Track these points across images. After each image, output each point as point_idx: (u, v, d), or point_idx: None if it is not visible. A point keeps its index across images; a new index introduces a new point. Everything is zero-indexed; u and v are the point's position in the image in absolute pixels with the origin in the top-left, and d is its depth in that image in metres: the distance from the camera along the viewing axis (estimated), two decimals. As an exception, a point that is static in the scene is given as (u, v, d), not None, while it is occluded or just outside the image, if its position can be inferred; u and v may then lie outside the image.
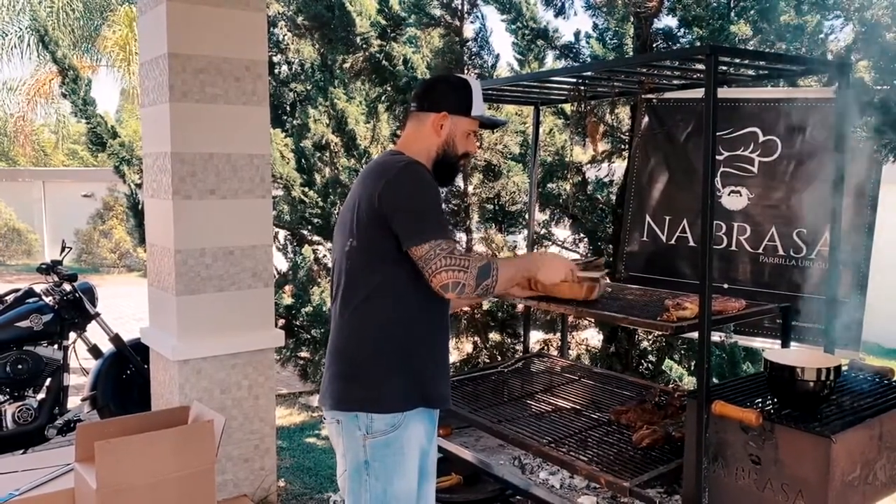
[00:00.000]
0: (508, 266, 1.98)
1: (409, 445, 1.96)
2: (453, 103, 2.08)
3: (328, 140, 5.30)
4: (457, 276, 1.82)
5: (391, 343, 1.95)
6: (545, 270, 2.05)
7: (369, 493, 1.94)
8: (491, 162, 4.16)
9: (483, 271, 1.86)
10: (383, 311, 1.95)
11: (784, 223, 3.18)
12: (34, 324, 4.12)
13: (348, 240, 2.00)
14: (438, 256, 1.83)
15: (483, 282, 1.85)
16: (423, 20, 4.10)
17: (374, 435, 1.93)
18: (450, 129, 2.07)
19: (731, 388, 1.79)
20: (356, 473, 1.97)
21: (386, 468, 1.93)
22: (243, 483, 3.67)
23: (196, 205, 3.46)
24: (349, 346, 1.99)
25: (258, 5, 3.62)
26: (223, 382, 3.58)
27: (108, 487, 2.79)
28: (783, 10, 3.47)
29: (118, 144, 5.33)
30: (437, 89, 2.14)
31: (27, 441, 4.08)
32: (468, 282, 1.83)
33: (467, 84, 2.10)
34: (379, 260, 1.95)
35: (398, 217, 1.90)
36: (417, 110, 2.12)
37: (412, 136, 2.11)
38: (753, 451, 1.60)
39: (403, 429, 1.94)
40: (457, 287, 1.83)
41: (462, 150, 2.10)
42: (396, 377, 1.94)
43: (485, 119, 2.14)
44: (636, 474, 1.86)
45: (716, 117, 1.65)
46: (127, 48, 14.65)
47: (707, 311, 1.70)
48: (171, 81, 3.38)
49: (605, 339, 4.11)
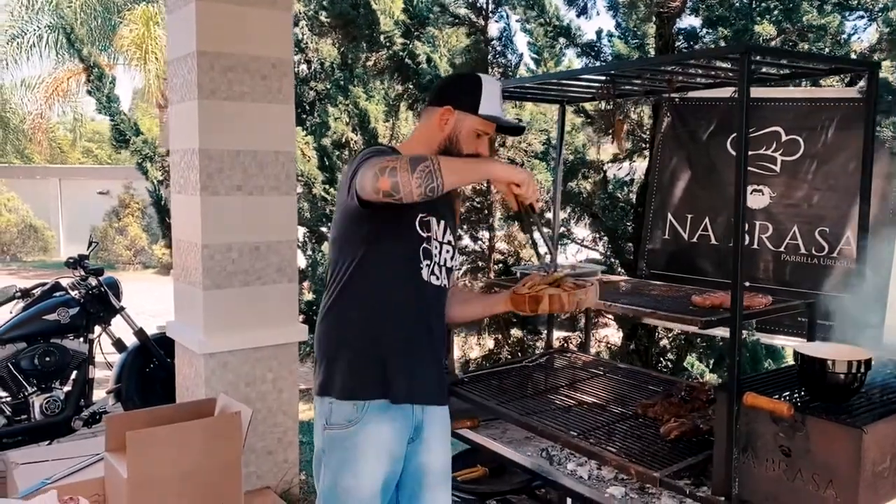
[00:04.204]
0: (451, 158, 1.91)
1: (366, 444, 1.92)
2: (459, 99, 2.00)
3: (348, 138, 5.36)
4: (386, 164, 1.72)
5: (357, 331, 1.95)
6: (503, 167, 1.91)
7: (323, 482, 2.00)
8: (514, 160, 4.20)
9: (416, 157, 1.76)
10: (353, 300, 1.96)
11: (806, 222, 3.20)
12: (61, 317, 4.19)
13: (333, 233, 2.05)
14: (368, 166, 1.76)
15: (420, 163, 1.72)
16: (448, 19, 4.15)
17: (331, 427, 1.95)
18: (454, 125, 1.99)
19: (760, 380, 1.82)
20: (316, 461, 2.03)
21: (337, 462, 1.94)
22: (267, 475, 3.72)
23: (223, 201, 3.52)
24: (324, 334, 2.02)
25: (285, 4, 3.67)
26: (248, 376, 3.63)
27: (138, 477, 2.84)
28: (806, 11, 3.50)
29: (141, 141, 5.40)
30: (446, 85, 2.13)
31: (54, 432, 4.15)
32: (399, 164, 1.71)
33: (478, 81, 2.03)
34: (351, 250, 1.95)
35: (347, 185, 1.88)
36: (428, 105, 2.09)
37: (418, 131, 2.10)
38: (784, 441, 1.63)
39: (361, 426, 1.92)
40: (385, 171, 1.71)
41: (467, 151, 2.01)
42: (359, 364, 1.94)
43: (498, 121, 2.04)
44: (665, 465, 1.89)
45: (748, 116, 1.68)
46: (144, 47, 14.77)
47: (739, 306, 1.73)
48: (199, 79, 3.43)
49: (625, 336, 4.14)
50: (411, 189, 1.71)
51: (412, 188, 1.71)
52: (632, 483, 2.08)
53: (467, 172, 1.91)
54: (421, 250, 1.99)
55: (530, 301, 2.12)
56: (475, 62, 4.13)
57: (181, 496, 2.93)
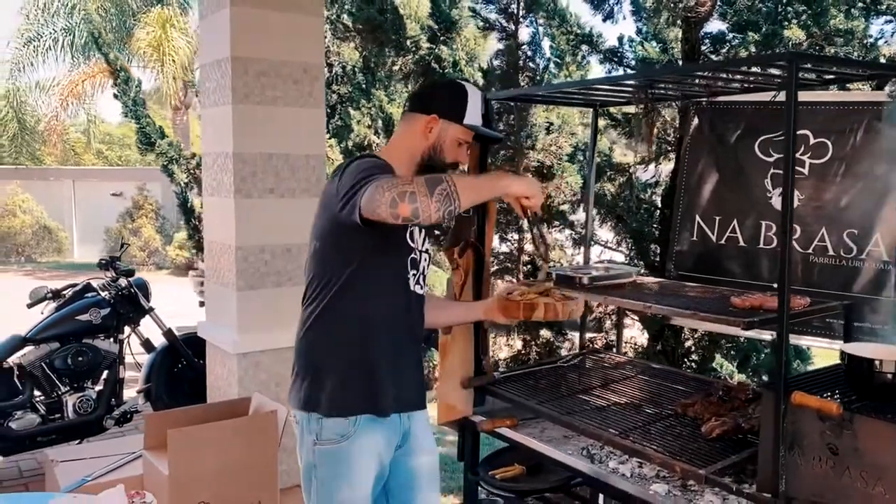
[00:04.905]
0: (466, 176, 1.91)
1: (359, 455, 1.94)
2: (446, 108, 2.00)
3: (370, 141, 5.41)
4: (403, 188, 1.68)
5: (347, 347, 1.95)
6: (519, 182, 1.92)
7: (317, 496, 1.97)
8: (543, 163, 4.26)
9: (432, 179, 1.72)
10: (342, 314, 1.94)
11: (834, 224, 3.22)
12: (93, 317, 4.25)
13: (314, 242, 2.00)
14: (379, 187, 1.71)
15: (437, 186, 1.69)
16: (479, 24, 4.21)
17: (322, 442, 1.93)
18: (439, 133, 2.00)
19: (804, 380, 1.86)
20: (306, 474, 2.00)
21: (331, 477, 1.93)
22: (297, 474, 3.76)
23: (256, 203, 3.58)
24: (308, 348, 1.99)
25: (316, 10, 3.74)
26: (279, 375, 3.69)
27: (179, 474, 2.90)
28: (833, 15, 3.53)
29: (166, 144, 5.47)
30: (432, 92, 2.12)
31: (86, 431, 4.21)
32: (417, 189, 1.68)
33: (464, 90, 2.03)
34: (339, 263, 1.93)
35: (341, 202, 1.81)
36: (410, 110, 2.07)
37: (400, 138, 2.08)
38: (831, 440, 1.67)
39: (353, 439, 1.92)
40: (404, 197, 1.67)
41: (450, 159, 2.03)
42: (348, 380, 1.94)
43: (479, 130, 2.04)
44: (708, 463, 1.93)
45: (796, 122, 1.72)
46: (161, 49, 14.88)
47: (786, 308, 1.77)
48: (233, 84, 3.49)
49: (652, 337, 4.18)
50: (430, 214, 1.69)
51: (431, 213, 1.69)
52: (673, 480, 2.12)
53: (483, 191, 1.91)
54: (409, 261, 2.02)
55: (525, 308, 2.19)
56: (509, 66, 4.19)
57: (219, 493, 2.99)
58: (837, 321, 3.11)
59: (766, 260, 3.33)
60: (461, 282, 2.57)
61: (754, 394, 2.29)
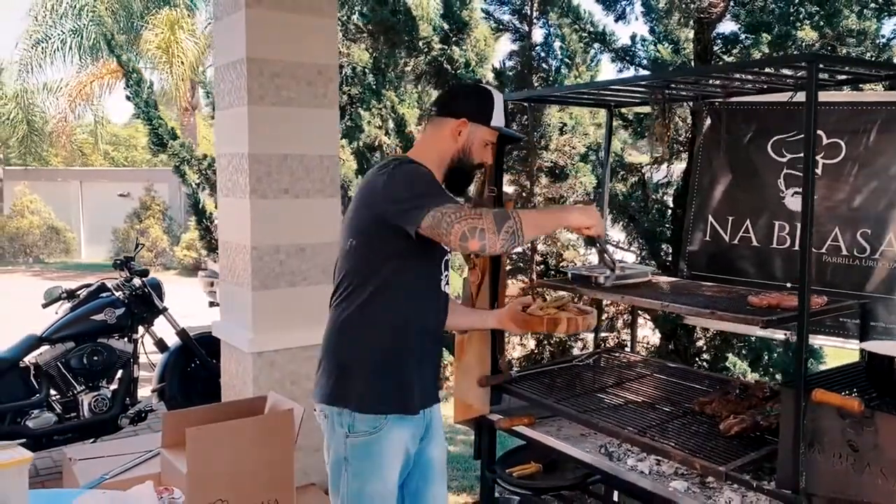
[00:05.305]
0: (529, 211, 1.98)
1: (389, 449, 2.00)
2: (474, 111, 2.08)
3: (381, 141, 5.44)
4: (473, 223, 1.78)
5: (380, 347, 1.99)
6: (580, 213, 1.97)
7: (347, 489, 2.01)
8: (557, 163, 4.28)
9: (500, 215, 1.82)
10: (378, 314, 1.98)
11: (847, 224, 3.23)
12: (108, 317, 4.29)
13: (349, 240, 2.01)
14: (446, 216, 1.80)
15: (504, 224, 1.80)
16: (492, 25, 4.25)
17: (355, 434, 1.97)
18: (468, 136, 2.07)
19: (823, 378, 1.88)
20: (336, 467, 2.04)
21: (364, 468, 1.98)
22: (312, 472, 3.80)
23: (271, 204, 3.60)
24: (341, 345, 2.03)
25: (330, 11, 3.76)
26: (294, 374, 3.71)
27: (198, 472, 2.92)
28: (846, 16, 3.54)
29: (178, 145, 5.50)
30: (459, 96, 2.18)
31: (101, 429, 4.25)
32: (487, 226, 1.78)
33: (490, 94, 2.11)
34: (378, 262, 1.97)
35: (395, 208, 1.88)
36: (437, 115, 2.13)
37: (428, 141, 2.13)
38: (851, 437, 1.69)
39: (385, 433, 1.97)
40: (475, 233, 1.77)
41: (478, 160, 2.11)
42: (380, 381, 1.98)
43: (504, 131, 2.14)
44: (727, 460, 1.95)
45: (816, 123, 1.73)
46: (169, 51, 14.94)
47: (806, 307, 1.79)
48: (248, 85, 3.52)
49: (664, 336, 4.20)
50: (496, 250, 1.81)
51: (497, 249, 1.82)
52: (692, 478, 2.14)
53: (546, 227, 2.06)
54: (443, 262, 2.09)
55: (548, 323, 2.26)
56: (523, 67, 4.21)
57: (237, 491, 3.01)
58: (851, 321, 3.13)
59: (780, 260, 3.34)
60: (478, 281, 2.60)
61: (771, 391, 2.31)
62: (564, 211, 2.05)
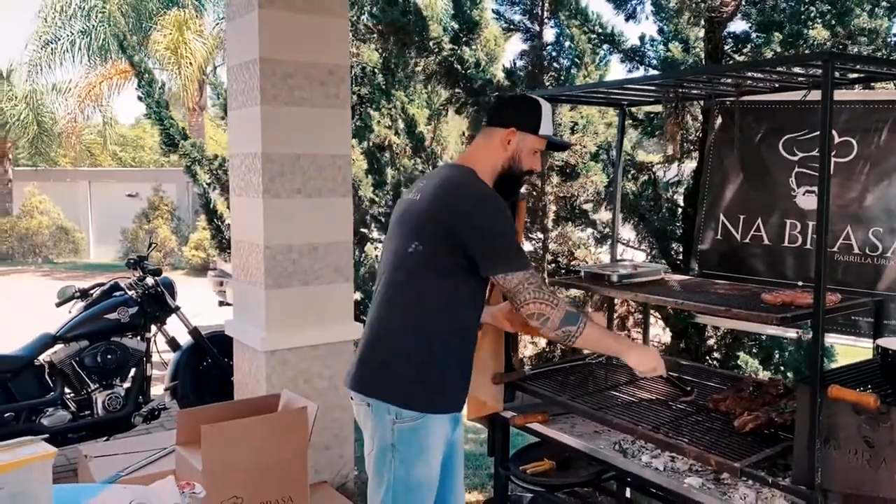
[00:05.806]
0: (598, 328, 2.12)
1: (434, 436, 2.08)
2: (522, 121, 2.17)
3: (390, 141, 5.46)
4: (543, 310, 1.99)
5: (428, 350, 2.05)
6: (638, 355, 2.12)
7: (393, 474, 2.06)
8: (568, 162, 4.30)
9: (570, 317, 2.01)
10: (431, 318, 2.06)
11: (859, 222, 3.24)
12: (121, 316, 4.32)
13: (413, 242, 2.06)
14: (529, 288, 1.99)
15: (566, 326, 2.00)
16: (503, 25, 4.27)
17: (403, 420, 2.04)
18: (517, 145, 2.16)
19: (839, 374, 1.89)
20: (382, 454, 2.09)
21: (410, 453, 2.05)
22: (324, 470, 3.82)
23: (284, 203, 3.63)
24: (392, 341, 2.09)
25: (341, 12, 3.78)
26: (306, 372, 3.74)
27: (213, 469, 2.95)
28: (857, 14, 3.54)
29: (189, 145, 5.53)
30: (508, 107, 2.25)
31: (115, 427, 4.28)
32: (553, 318, 1.99)
33: (538, 104, 2.20)
34: (443, 271, 2.04)
35: (478, 242, 2.00)
36: (488, 125, 2.23)
37: (480, 150, 2.20)
38: (867, 433, 1.70)
39: (429, 419, 2.06)
40: (541, 318, 1.99)
41: (527, 167, 2.20)
42: (424, 383, 2.05)
43: (552, 139, 2.25)
44: (742, 456, 1.96)
45: (831, 122, 1.75)
46: (178, 52, 15.00)
47: (822, 304, 1.80)
48: (261, 85, 3.54)
49: (676, 335, 4.21)
50: (545, 337, 2.09)
51: (546, 337, 2.10)
52: (706, 474, 2.15)
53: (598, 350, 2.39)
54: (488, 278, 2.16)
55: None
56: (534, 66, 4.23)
57: (251, 488, 3.03)
58: (863, 319, 3.14)
59: (791, 258, 3.35)
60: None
61: (785, 389, 2.32)
62: (624, 346, 2.19)
